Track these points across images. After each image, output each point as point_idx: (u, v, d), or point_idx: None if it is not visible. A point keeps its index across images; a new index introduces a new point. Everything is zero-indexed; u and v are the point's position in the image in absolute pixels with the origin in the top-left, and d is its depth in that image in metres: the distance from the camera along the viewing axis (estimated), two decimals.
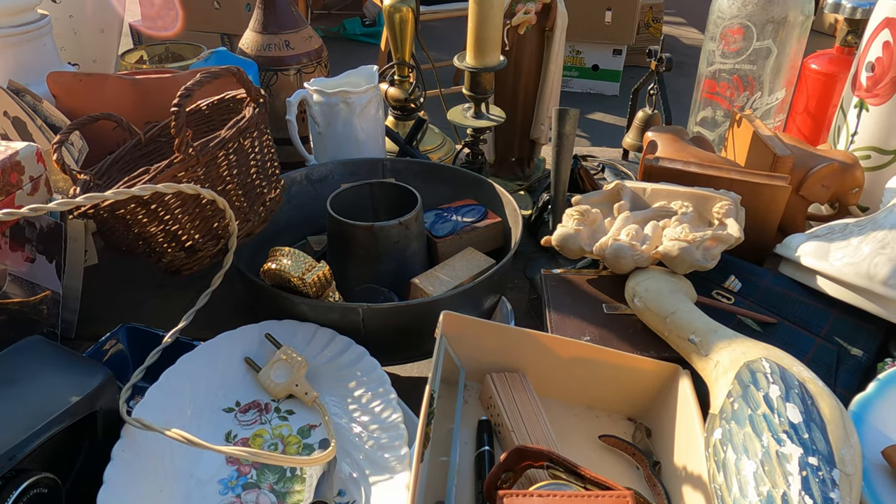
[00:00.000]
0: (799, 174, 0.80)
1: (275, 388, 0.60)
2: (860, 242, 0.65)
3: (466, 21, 0.83)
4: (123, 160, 0.76)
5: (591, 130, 3.19)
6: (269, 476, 0.54)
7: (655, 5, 3.88)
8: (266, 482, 0.54)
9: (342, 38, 4.25)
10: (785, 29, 0.89)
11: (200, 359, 0.60)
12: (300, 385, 0.60)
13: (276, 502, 0.52)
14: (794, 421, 0.45)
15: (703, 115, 1.00)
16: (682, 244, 0.63)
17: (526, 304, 0.80)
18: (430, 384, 0.53)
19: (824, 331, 0.66)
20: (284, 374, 0.60)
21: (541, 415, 0.59)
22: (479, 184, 0.85)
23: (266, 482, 0.54)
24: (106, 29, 1.04)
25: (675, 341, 0.60)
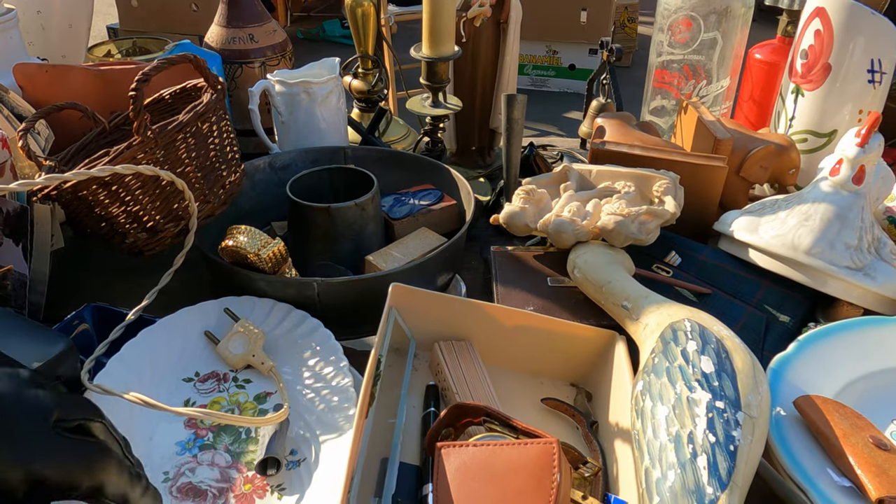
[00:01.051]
0: (739, 156, 0.84)
1: (233, 359, 0.63)
2: (787, 216, 0.69)
3: None
4: (88, 147, 0.78)
5: (568, 127, 3.25)
6: (224, 438, 0.57)
7: (631, 5, 3.94)
8: (222, 443, 0.57)
9: (321, 39, 4.29)
10: (728, 20, 0.94)
11: (161, 332, 0.63)
12: (257, 356, 0.63)
13: (230, 461, 0.55)
14: (706, 371, 0.49)
15: (655, 104, 1.04)
16: (617, 218, 0.67)
17: (481, 284, 0.84)
18: (377, 349, 0.57)
19: (755, 300, 0.70)
20: (242, 346, 0.63)
21: (485, 379, 0.62)
22: (437, 170, 0.88)
23: (222, 443, 0.57)
24: (74, 24, 1.06)
25: (611, 308, 0.64)
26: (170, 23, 3.26)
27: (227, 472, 0.54)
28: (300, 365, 0.63)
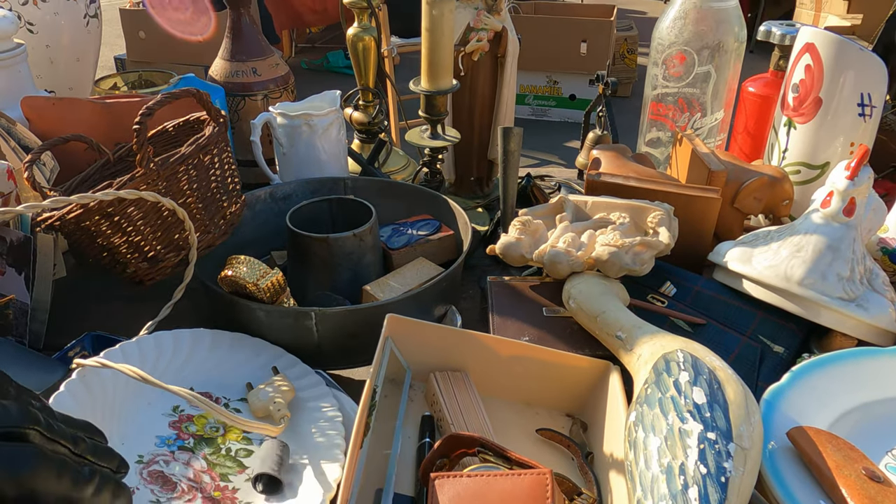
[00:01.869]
0: (733, 187, 0.85)
1: (256, 404, 0.63)
2: (779, 247, 0.70)
3: None
4: (92, 178, 0.80)
5: (569, 157, 3.27)
6: (204, 447, 0.57)
7: (630, 37, 4.00)
8: (201, 451, 0.57)
9: (325, 70, 4.35)
10: (721, 54, 0.96)
11: (169, 338, 0.63)
12: (277, 404, 0.62)
13: (205, 468, 0.55)
14: (698, 402, 0.49)
15: (651, 135, 1.06)
16: (611, 249, 0.68)
17: (478, 313, 0.84)
18: (373, 379, 0.57)
19: (749, 330, 0.71)
20: (267, 395, 0.63)
21: (480, 410, 0.62)
22: (436, 200, 0.90)
23: (201, 451, 0.57)
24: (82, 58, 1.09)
25: (605, 339, 0.64)
26: (176, 53, 3.32)
27: (200, 475, 0.55)
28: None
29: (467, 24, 0.96)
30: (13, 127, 0.82)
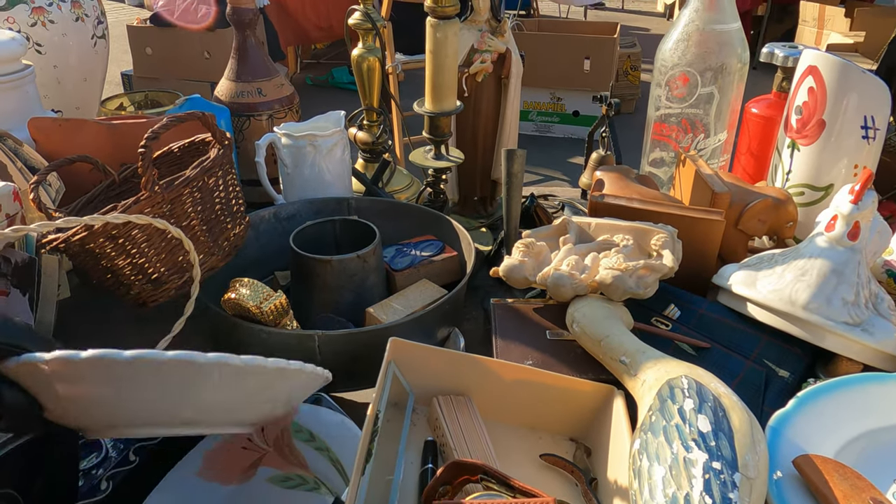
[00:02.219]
0: (737, 209, 0.85)
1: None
2: (783, 270, 0.70)
3: None
4: (98, 199, 0.80)
5: (572, 173, 3.28)
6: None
7: (633, 54, 4.03)
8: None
9: (330, 86, 4.38)
10: (724, 76, 0.96)
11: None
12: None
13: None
14: (703, 430, 0.49)
15: (654, 156, 1.06)
16: (615, 272, 0.68)
17: (482, 335, 0.84)
18: (375, 404, 0.57)
19: (754, 354, 0.70)
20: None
21: (483, 435, 0.62)
22: (439, 221, 0.90)
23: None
24: (89, 78, 1.09)
25: (609, 363, 0.64)
26: (183, 70, 3.35)
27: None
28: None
29: (471, 46, 0.97)
30: (20, 148, 0.83)
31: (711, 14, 0.93)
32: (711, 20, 0.94)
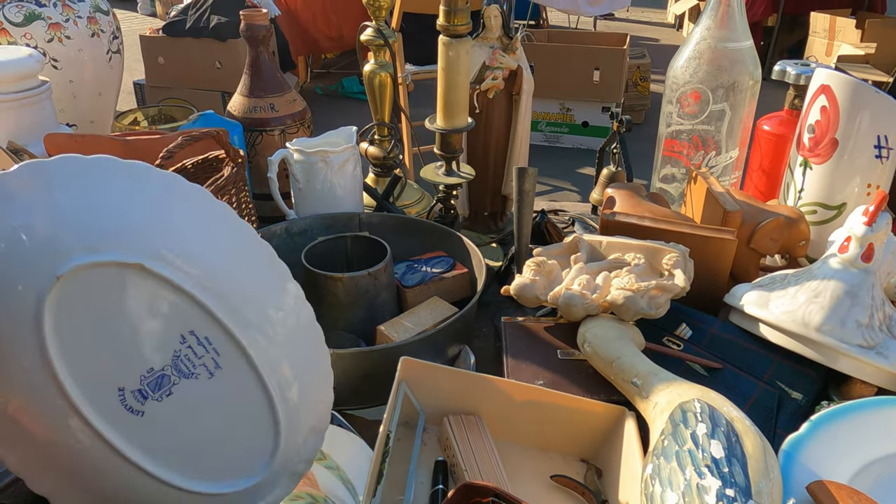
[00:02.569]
0: (749, 228, 0.85)
1: None
2: (796, 291, 0.70)
3: None
4: None
5: (581, 184, 3.28)
6: None
7: (643, 65, 4.03)
8: None
9: (340, 95, 4.40)
10: (735, 93, 0.96)
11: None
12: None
13: None
14: (716, 456, 0.49)
15: (665, 172, 1.06)
16: (627, 293, 0.68)
17: (492, 352, 0.84)
18: (386, 425, 0.57)
19: (767, 375, 0.70)
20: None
21: (494, 455, 0.62)
22: (450, 237, 0.90)
23: None
24: (104, 92, 1.11)
25: (621, 384, 0.64)
26: (194, 79, 3.37)
27: None
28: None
29: (483, 63, 0.97)
30: None
31: (723, 32, 0.94)
32: (723, 38, 0.94)
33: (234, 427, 0.46)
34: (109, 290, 0.41)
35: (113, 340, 0.42)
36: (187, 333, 0.43)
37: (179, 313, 0.42)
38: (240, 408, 0.46)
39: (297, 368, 0.48)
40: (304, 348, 0.49)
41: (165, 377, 0.43)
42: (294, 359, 0.47)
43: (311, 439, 0.51)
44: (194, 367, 0.43)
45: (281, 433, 0.47)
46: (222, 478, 0.47)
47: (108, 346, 0.42)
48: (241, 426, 0.46)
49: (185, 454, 0.46)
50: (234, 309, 0.43)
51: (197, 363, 0.43)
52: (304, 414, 0.49)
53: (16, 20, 0.98)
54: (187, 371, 0.43)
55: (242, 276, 0.45)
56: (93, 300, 0.41)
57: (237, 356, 0.44)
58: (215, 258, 0.43)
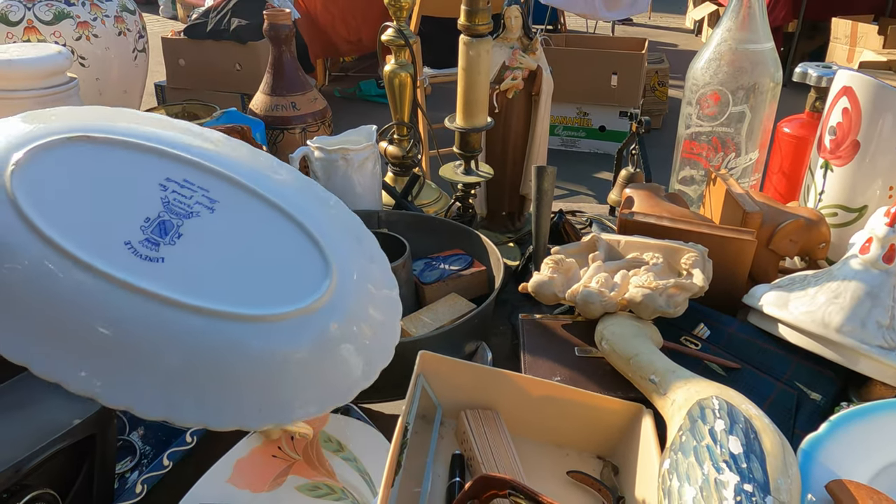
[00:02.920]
0: (768, 229, 0.85)
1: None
2: (816, 292, 0.69)
3: None
4: None
5: (597, 188, 3.27)
6: None
7: (661, 69, 4.02)
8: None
9: (358, 98, 4.43)
10: (756, 95, 0.96)
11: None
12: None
13: None
14: (734, 452, 0.49)
15: (684, 174, 1.06)
16: (645, 291, 0.68)
17: (509, 349, 0.85)
18: (405, 417, 0.58)
19: (786, 376, 0.70)
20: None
21: (511, 450, 0.62)
22: (467, 235, 0.91)
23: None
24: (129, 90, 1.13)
25: (638, 382, 0.64)
26: (215, 81, 3.41)
27: None
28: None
29: (503, 63, 0.98)
30: None
31: (744, 33, 0.93)
32: (744, 39, 0.93)
33: (274, 252, 0.46)
34: (69, 163, 0.43)
35: (94, 204, 0.43)
36: (164, 181, 0.44)
37: (142, 166, 0.44)
38: (269, 235, 0.46)
39: (315, 205, 0.49)
40: (310, 194, 0.50)
41: (166, 222, 0.43)
42: (305, 196, 0.48)
43: (365, 297, 0.51)
44: (189, 207, 0.44)
45: (329, 263, 0.46)
46: (274, 301, 0.46)
47: (93, 210, 0.43)
48: (280, 252, 0.46)
49: (226, 283, 0.45)
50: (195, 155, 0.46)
51: (190, 203, 0.45)
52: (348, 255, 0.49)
53: (45, 18, 1.00)
54: (184, 212, 0.44)
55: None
56: (57, 175, 0.43)
57: (232, 190, 0.45)
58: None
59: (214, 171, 0.45)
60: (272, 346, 0.45)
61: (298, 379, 0.47)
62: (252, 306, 0.45)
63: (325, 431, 0.67)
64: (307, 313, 0.46)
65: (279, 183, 0.48)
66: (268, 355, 0.45)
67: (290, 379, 0.46)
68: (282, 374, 0.46)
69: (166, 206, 0.43)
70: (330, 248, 0.47)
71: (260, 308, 0.46)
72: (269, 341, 0.45)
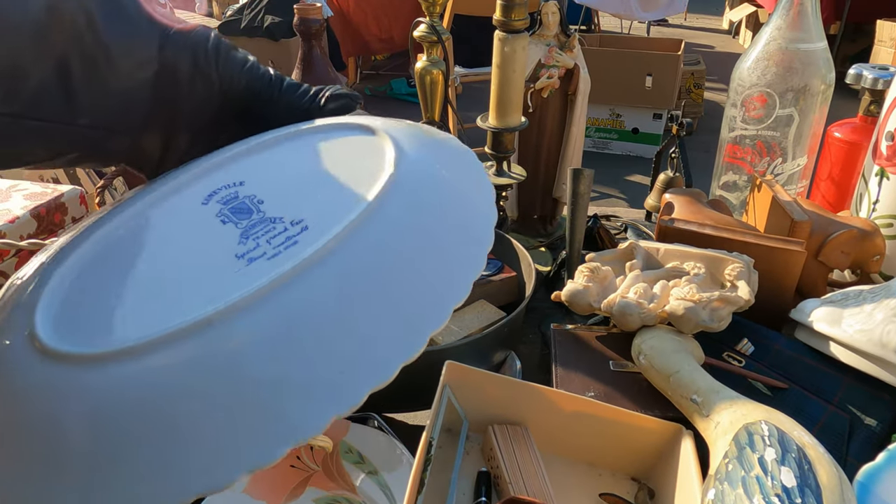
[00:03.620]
0: (818, 240, 0.80)
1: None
2: (873, 309, 0.65)
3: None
4: None
5: (630, 191, 3.21)
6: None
7: (697, 71, 3.93)
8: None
9: (388, 97, 4.42)
10: (806, 97, 0.91)
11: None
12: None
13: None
14: (787, 485, 0.45)
15: (725, 179, 1.01)
16: (687, 304, 0.64)
17: (538, 359, 0.81)
18: (429, 431, 0.55)
19: (837, 398, 0.65)
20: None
21: (540, 469, 0.59)
22: (498, 239, 0.87)
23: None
24: None
25: (678, 401, 0.60)
26: None
27: None
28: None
29: (538, 61, 0.94)
30: None
31: (795, 32, 0.89)
32: (795, 39, 0.89)
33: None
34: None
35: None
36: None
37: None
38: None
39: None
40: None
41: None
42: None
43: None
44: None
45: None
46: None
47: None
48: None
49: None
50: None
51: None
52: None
53: None
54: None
55: None
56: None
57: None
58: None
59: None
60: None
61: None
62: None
63: (345, 441, 0.64)
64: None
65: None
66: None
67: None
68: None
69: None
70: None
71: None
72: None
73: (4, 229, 0.63)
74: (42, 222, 0.66)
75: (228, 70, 0.42)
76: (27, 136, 0.36)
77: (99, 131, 0.38)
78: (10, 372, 0.29)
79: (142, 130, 0.41)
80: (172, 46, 0.40)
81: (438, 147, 0.43)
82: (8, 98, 0.34)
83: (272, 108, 0.42)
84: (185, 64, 0.40)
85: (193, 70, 0.41)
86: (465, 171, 0.42)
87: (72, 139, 0.38)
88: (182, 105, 0.41)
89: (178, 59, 0.40)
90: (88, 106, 0.37)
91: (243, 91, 0.42)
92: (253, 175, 0.38)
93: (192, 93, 0.41)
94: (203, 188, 0.38)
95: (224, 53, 0.42)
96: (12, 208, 0.66)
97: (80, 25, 0.35)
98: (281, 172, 0.39)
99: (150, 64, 0.39)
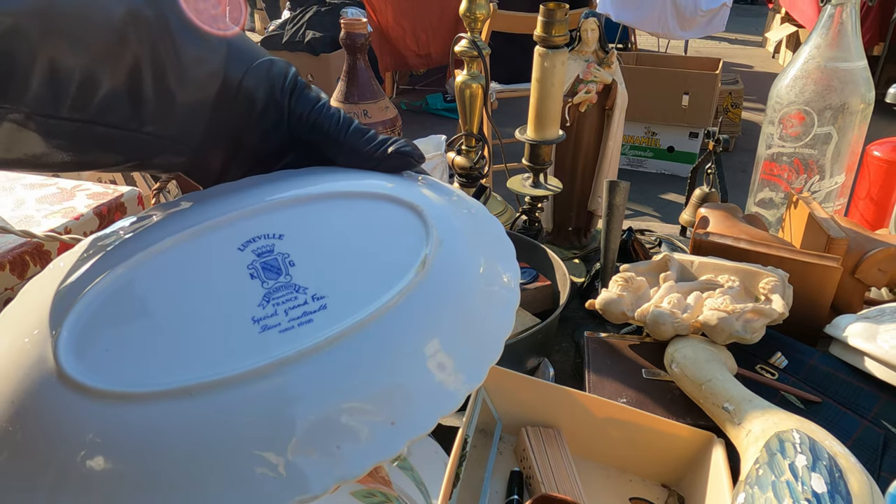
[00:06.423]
0: (855, 257, 0.80)
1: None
2: None
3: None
4: None
5: (664, 209, 3.19)
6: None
7: (735, 91, 3.90)
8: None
9: (424, 112, 4.48)
10: (845, 116, 0.91)
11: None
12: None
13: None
14: (817, 490, 0.46)
15: (762, 195, 1.01)
16: (721, 314, 0.65)
17: (571, 368, 0.82)
18: (464, 429, 0.56)
19: (872, 414, 0.65)
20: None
21: (572, 471, 0.60)
22: (533, 249, 0.89)
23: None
24: None
25: (710, 409, 0.61)
26: None
27: None
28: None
29: (577, 76, 0.96)
30: None
31: (834, 51, 0.89)
32: (834, 57, 0.89)
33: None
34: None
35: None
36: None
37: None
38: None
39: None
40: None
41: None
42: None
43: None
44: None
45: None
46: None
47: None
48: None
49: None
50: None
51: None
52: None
53: None
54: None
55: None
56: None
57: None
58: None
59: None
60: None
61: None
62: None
63: None
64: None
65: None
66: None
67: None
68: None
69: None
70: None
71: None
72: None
73: (70, 225, 0.68)
74: (104, 220, 0.70)
75: (300, 106, 0.43)
76: (96, 143, 0.37)
77: (164, 141, 0.39)
78: (34, 388, 0.31)
79: (206, 146, 0.42)
80: (254, 75, 0.41)
81: (477, 235, 0.42)
82: (82, 104, 0.34)
83: (336, 148, 0.43)
84: (261, 93, 0.42)
85: (268, 100, 0.42)
86: (496, 261, 0.41)
87: (137, 147, 0.38)
88: (249, 131, 0.43)
89: (256, 89, 0.41)
90: (156, 115, 0.38)
91: (311, 128, 0.43)
92: (294, 230, 0.38)
93: (263, 122, 0.43)
94: (244, 231, 0.38)
95: (299, 90, 0.43)
96: (77, 206, 0.70)
97: (156, 32, 0.36)
98: (320, 234, 0.38)
99: (215, 77, 0.40)
